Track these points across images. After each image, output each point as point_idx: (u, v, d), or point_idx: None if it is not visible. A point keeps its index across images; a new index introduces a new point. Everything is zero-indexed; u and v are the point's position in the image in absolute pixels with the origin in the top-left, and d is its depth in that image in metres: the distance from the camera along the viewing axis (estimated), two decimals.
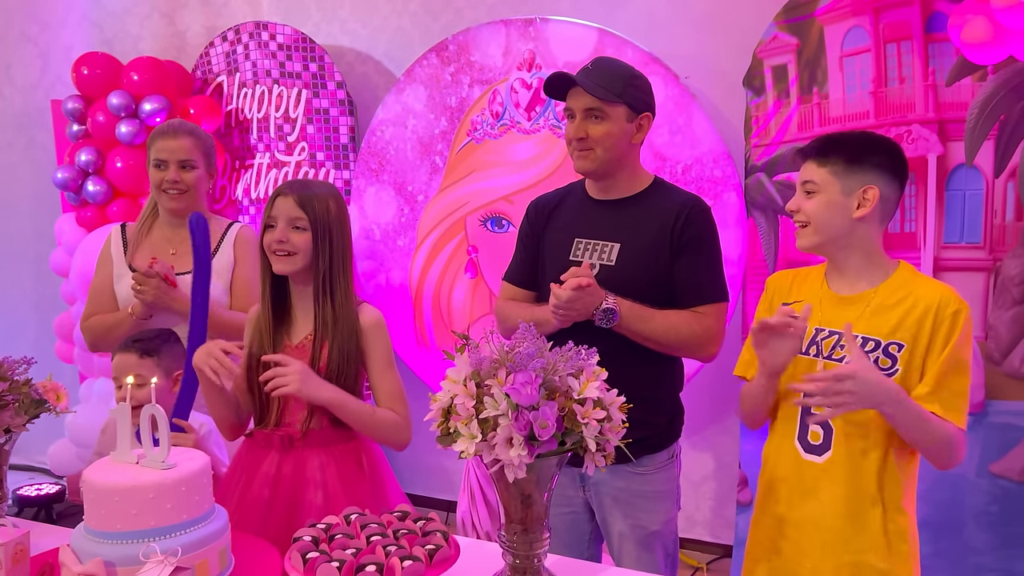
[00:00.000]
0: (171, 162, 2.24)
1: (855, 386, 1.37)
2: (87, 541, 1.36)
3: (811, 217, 1.52)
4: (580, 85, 1.83)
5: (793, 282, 1.67)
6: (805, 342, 1.54)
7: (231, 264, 2.30)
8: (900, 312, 1.47)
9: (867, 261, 1.54)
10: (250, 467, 1.78)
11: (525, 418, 1.19)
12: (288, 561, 1.24)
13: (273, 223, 1.76)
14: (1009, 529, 2.43)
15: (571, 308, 1.74)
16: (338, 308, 1.77)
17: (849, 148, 1.52)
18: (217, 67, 3.55)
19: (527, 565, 1.31)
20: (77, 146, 3.40)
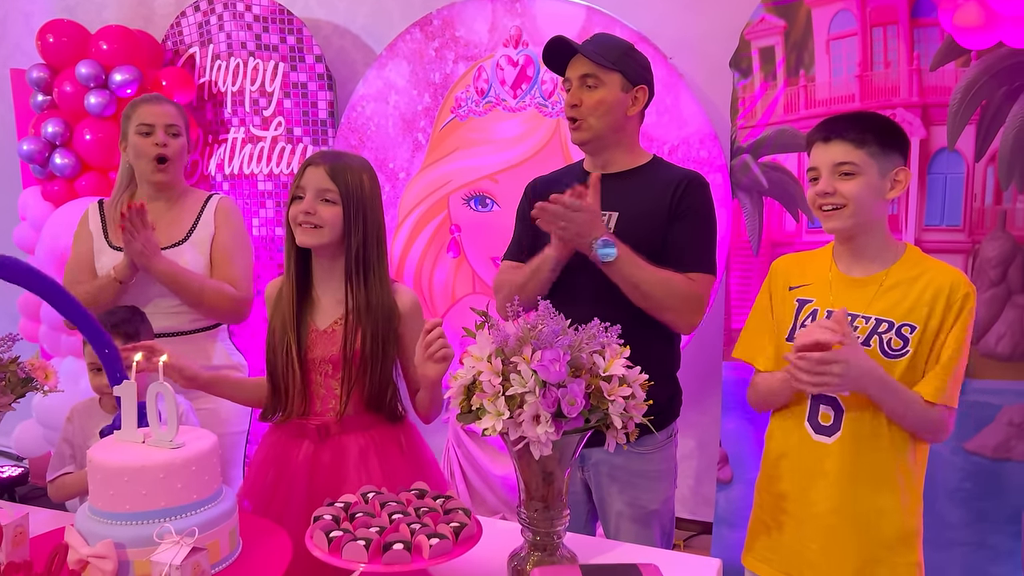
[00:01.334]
0: (158, 126, 2.20)
1: (842, 370, 1.40)
2: (94, 523, 1.32)
3: (851, 199, 1.51)
4: (577, 49, 1.84)
5: (799, 264, 1.68)
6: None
7: (211, 234, 2.27)
8: (913, 294, 1.50)
9: (883, 243, 1.56)
10: (282, 457, 1.71)
11: (553, 395, 1.19)
12: (310, 540, 1.22)
13: (301, 194, 1.69)
14: (982, 504, 2.51)
15: (573, 221, 1.69)
16: (372, 291, 1.69)
17: (880, 130, 1.54)
18: (189, 38, 3.44)
19: (547, 542, 1.32)
20: (43, 117, 3.28)
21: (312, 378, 1.72)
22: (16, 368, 1.71)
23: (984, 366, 2.51)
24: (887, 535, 1.51)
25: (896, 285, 1.52)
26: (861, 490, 1.51)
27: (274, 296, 1.81)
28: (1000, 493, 2.50)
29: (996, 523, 2.50)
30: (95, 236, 2.26)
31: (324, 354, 1.71)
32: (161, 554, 1.21)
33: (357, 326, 1.68)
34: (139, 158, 2.21)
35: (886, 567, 1.51)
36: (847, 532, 1.52)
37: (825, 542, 1.54)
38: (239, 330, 3.38)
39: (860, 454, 1.51)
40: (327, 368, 1.71)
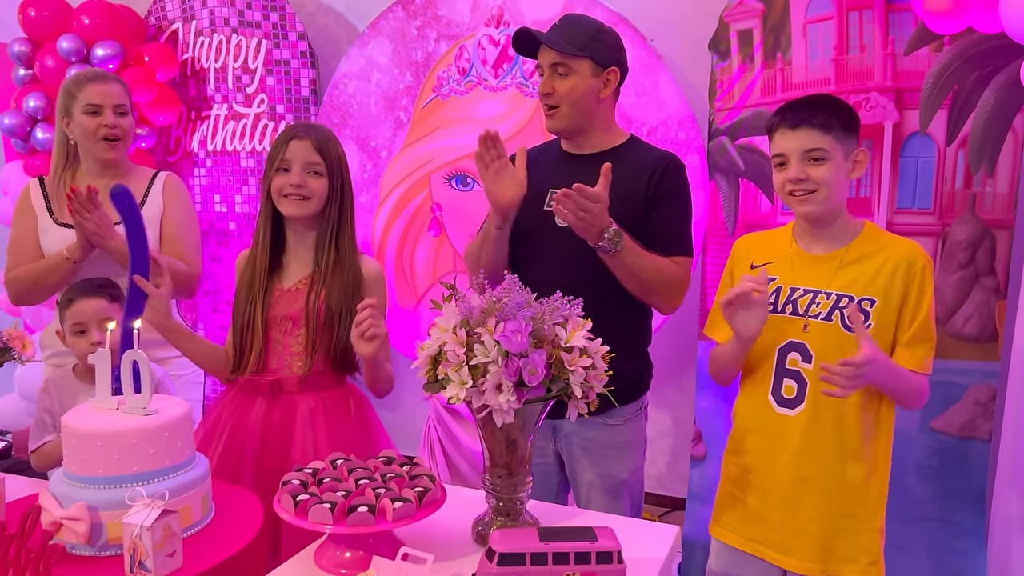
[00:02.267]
0: (107, 107, 2.19)
1: (872, 370, 1.43)
2: (68, 486, 1.36)
3: (822, 183, 1.55)
4: (542, 40, 1.85)
5: (760, 244, 1.72)
6: (781, 301, 1.59)
7: (160, 212, 2.27)
8: (872, 269, 1.54)
9: (842, 222, 1.61)
10: (236, 412, 1.79)
11: (515, 365, 1.22)
12: (278, 504, 1.26)
13: (287, 166, 1.76)
14: (948, 481, 2.57)
15: (591, 211, 1.70)
16: (343, 254, 1.78)
17: (842, 114, 1.58)
18: (172, 14, 3.43)
19: (510, 507, 1.36)
20: (24, 91, 3.27)
21: (271, 335, 1.82)
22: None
23: (952, 346, 2.56)
24: (850, 503, 1.56)
25: (855, 261, 1.56)
26: (824, 460, 1.56)
27: (243, 265, 1.87)
28: (965, 471, 2.55)
29: (961, 500, 2.56)
30: (39, 214, 2.24)
31: (286, 311, 1.81)
32: (132, 516, 1.25)
33: (323, 285, 1.78)
34: (87, 137, 2.19)
35: (849, 534, 1.55)
36: (810, 501, 1.57)
37: (789, 511, 1.59)
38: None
39: (823, 425, 1.55)
40: (287, 325, 1.81)
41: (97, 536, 1.32)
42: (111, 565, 1.29)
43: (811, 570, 1.57)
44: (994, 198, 2.45)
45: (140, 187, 2.28)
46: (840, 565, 1.56)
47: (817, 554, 1.56)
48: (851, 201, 2.59)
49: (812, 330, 1.56)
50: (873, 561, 1.57)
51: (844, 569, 1.56)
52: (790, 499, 1.59)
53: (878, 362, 1.43)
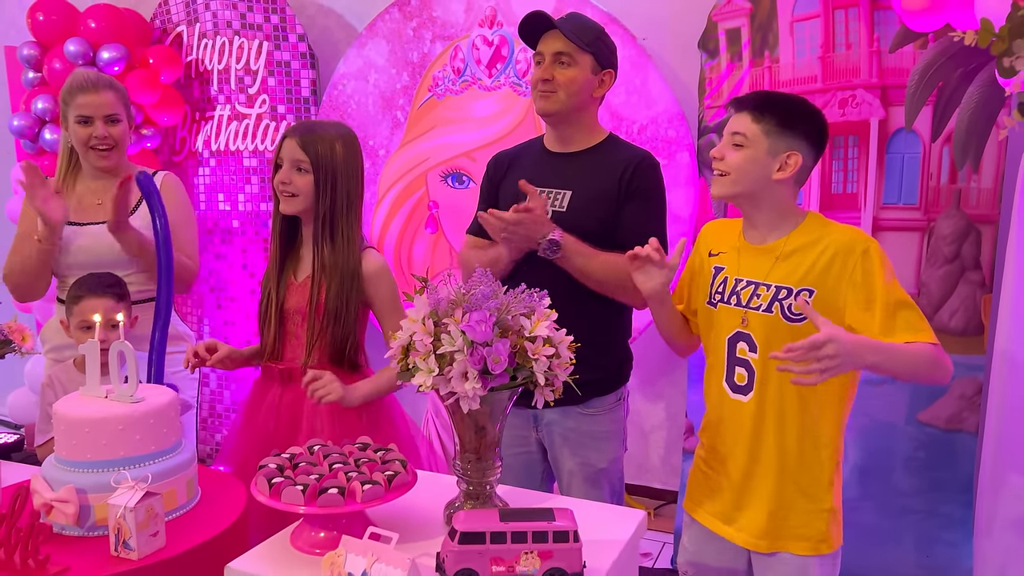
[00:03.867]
0: (97, 118, 2.22)
1: (835, 349, 1.34)
2: (58, 470, 1.43)
3: (733, 168, 1.57)
4: (557, 27, 1.91)
5: (719, 232, 1.75)
6: (727, 291, 1.63)
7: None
8: (809, 259, 1.54)
9: (778, 217, 1.60)
10: (257, 398, 1.93)
11: (479, 354, 1.27)
12: (254, 486, 1.32)
13: (281, 163, 1.85)
14: (934, 474, 2.60)
15: (515, 232, 1.80)
16: (338, 252, 1.84)
17: (783, 111, 1.57)
18: (176, 16, 3.51)
19: (480, 491, 1.41)
20: (33, 93, 3.36)
21: (287, 327, 1.93)
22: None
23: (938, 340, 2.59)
24: (800, 482, 1.60)
25: (793, 252, 1.57)
26: (772, 443, 1.60)
27: None
28: (952, 463, 2.59)
29: (948, 492, 2.59)
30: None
31: (296, 304, 1.91)
32: (117, 498, 1.31)
33: (322, 282, 1.85)
34: (80, 146, 2.25)
35: (798, 512, 1.59)
36: (763, 479, 1.62)
37: (744, 488, 1.64)
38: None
39: (771, 411, 1.59)
40: (297, 318, 1.91)
41: (85, 517, 1.39)
42: (98, 545, 1.36)
43: (760, 546, 1.61)
44: (979, 193, 2.47)
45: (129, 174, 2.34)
46: (788, 542, 1.60)
47: (767, 531, 1.60)
48: (838, 197, 2.64)
49: (752, 321, 1.58)
50: (823, 539, 1.60)
51: (792, 545, 1.60)
52: (743, 479, 1.64)
53: (844, 341, 1.35)
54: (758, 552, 1.64)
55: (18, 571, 1.27)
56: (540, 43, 1.96)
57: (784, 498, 1.59)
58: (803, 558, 1.60)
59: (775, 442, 1.59)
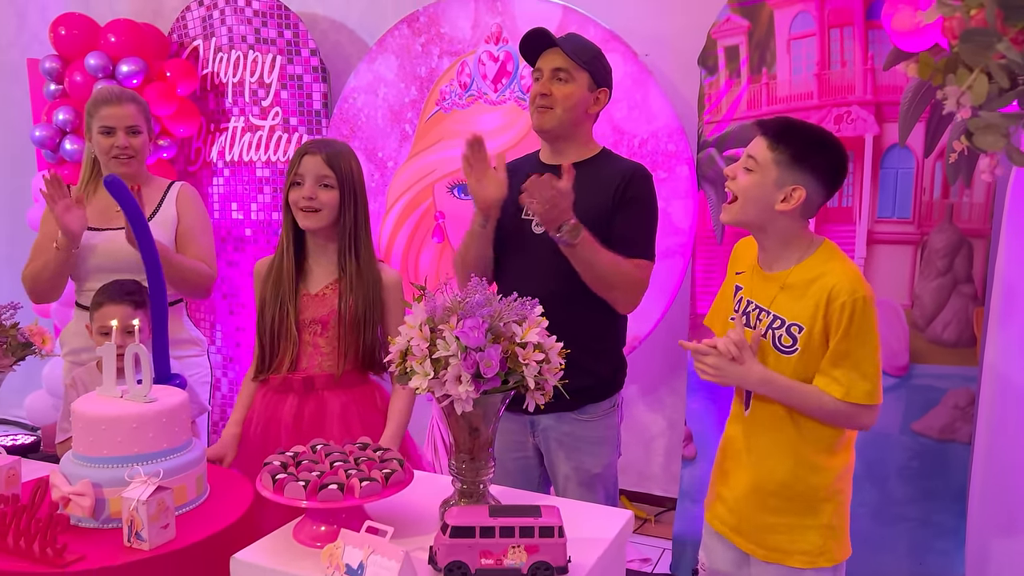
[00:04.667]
0: (119, 129, 2.34)
1: (715, 362, 1.56)
2: (76, 465, 1.51)
3: (740, 192, 1.60)
4: (557, 44, 1.99)
5: (745, 251, 1.79)
6: (741, 309, 1.69)
7: (175, 219, 2.43)
8: (805, 297, 1.58)
9: (783, 246, 1.62)
10: (268, 409, 1.96)
11: (472, 358, 1.35)
12: (259, 482, 1.40)
13: (300, 180, 1.90)
14: (928, 483, 2.64)
15: (557, 205, 1.81)
16: (363, 263, 1.94)
17: (800, 144, 1.57)
18: (193, 31, 3.62)
19: (473, 490, 1.48)
20: (54, 105, 3.48)
21: (303, 337, 1.97)
22: (16, 333, 1.91)
23: (930, 352, 2.64)
24: (793, 499, 1.64)
25: (793, 286, 1.60)
26: (765, 456, 1.65)
27: (264, 271, 2.02)
28: (945, 472, 2.63)
29: (941, 501, 2.63)
30: None
31: (315, 315, 1.96)
32: (130, 491, 1.39)
33: (349, 293, 1.93)
34: (102, 155, 2.37)
35: (797, 529, 1.63)
36: (757, 494, 1.67)
37: (742, 502, 1.70)
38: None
39: (763, 426, 1.65)
40: (316, 328, 1.96)
41: (100, 510, 1.47)
42: (112, 536, 1.44)
43: (757, 552, 1.67)
44: (971, 208, 2.53)
45: (156, 196, 2.44)
46: (786, 555, 1.64)
47: (766, 542, 1.66)
48: (834, 211, 2.70)
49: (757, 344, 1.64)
50: (820, 553, 1.64)
51: (791, 559, 1.64)
52: (743, 492, 1.70)
53: (726, 367, 1.56)
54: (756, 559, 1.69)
55: (37, 559, 1.35)
56: (540, 59, 2.04)
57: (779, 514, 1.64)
58: (798, 571, 1.64)
59: (766, 457, 1.64)
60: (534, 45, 2.05)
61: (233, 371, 3.64)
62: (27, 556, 1.36)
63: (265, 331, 1.98)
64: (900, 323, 2.64)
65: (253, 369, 2.03)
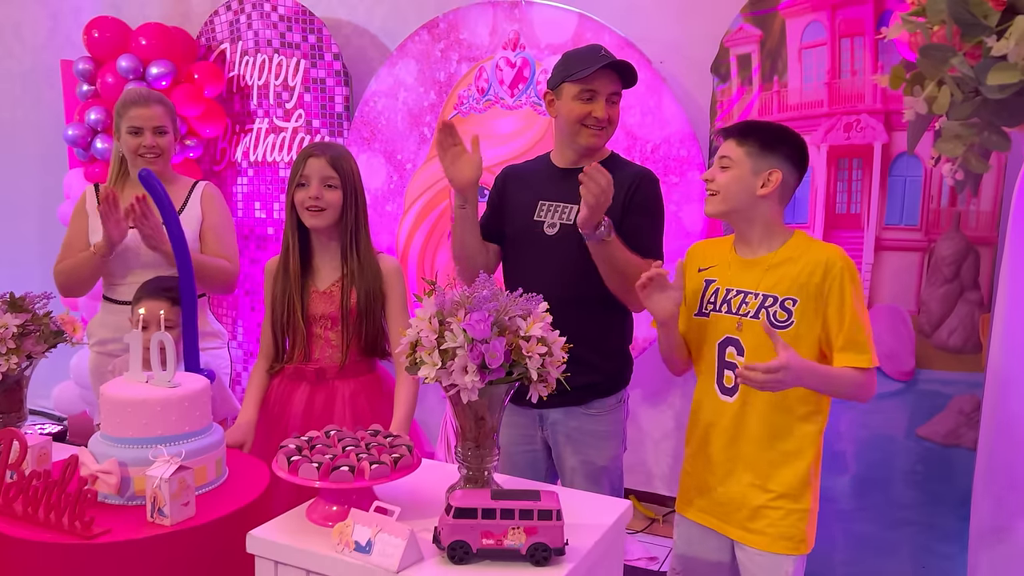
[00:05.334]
0: (146, 129, 2.42)
1: (786, 375, 1.58)
2: (103, 445, 1.60)
3: (721, 188, 1.74)
4: (622, 71, 2.03)
5: (707, 249, 1.90)
6: (719, 300, 1.77)
7: (199, 217, 2.51)
8: (794, 272, 1.69)
9: (766, 232, 1.75)
10: (282, 398, 2.07)
11: (478, 350, 1.42)
12: (275, 463, 1.47)
13: (305, 182, 2.00)
14: (932, 487, 2.67)
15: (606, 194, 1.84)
16: (363, 258, 2.04)
17: (764, 135, 1.73)
18: (221, 35, 3.73)
19: (478, 476, 1.55)
20: (86, 105, 3.59)
21: (313, 331, 2.08)
22: (49, 321, 1.99)
23: (936, 357, 2.67)
24: (777, 483, 1.71)
25: (780, 265, 1.72)
26: (753, 443, 1.72)
27: (273, 270, 2.11)
28: (949, 477, 2.66)
29: (945, 505, 2.66)
30: (91, 215, 2.49)
31: (325, 310, 2.07)
32: (154, 470, 1.47)
33: (352, 287, 2.03)
34: (130, 154, 2.45)
35: (778, 512, 1.71)
36: (743, 479, 1.74)
37: (726, 487, 1.77)
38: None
39: (753, 412, 1.72)
40: (327, 322, 2.07)
41: (125, 488, 1.55)
42: (136, 512, 1.52)
43: (746, 539, 1.74)
44: (978, 216, 2.57)
45: (181, 195, 2.53)
46: (772, 540, 1.72)
47: (752, 527, 1.72)
48: (842, 217, 2.74)
49: (744, 327, 1.72)
50: (802, 540, 1.72)
51: (775, 544, 1.71)
52: (727, 476, 1.77)
53: (792, 368, 1.56)
54: (742, 545, 1.75)
55: (66, 531, 1.43)
56: (596, 81, 2.03)
57: (763, 497, 1.71)
58: (782, 557, 1.72)
59: (755, 441, 1.72)
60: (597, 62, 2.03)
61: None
62: (57, 528, 1.45)
63: (276, 325, 2.10)
64: (906, 329, 2.67)
65: (265, 360, 2.14)
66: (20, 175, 4.70)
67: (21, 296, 1.99)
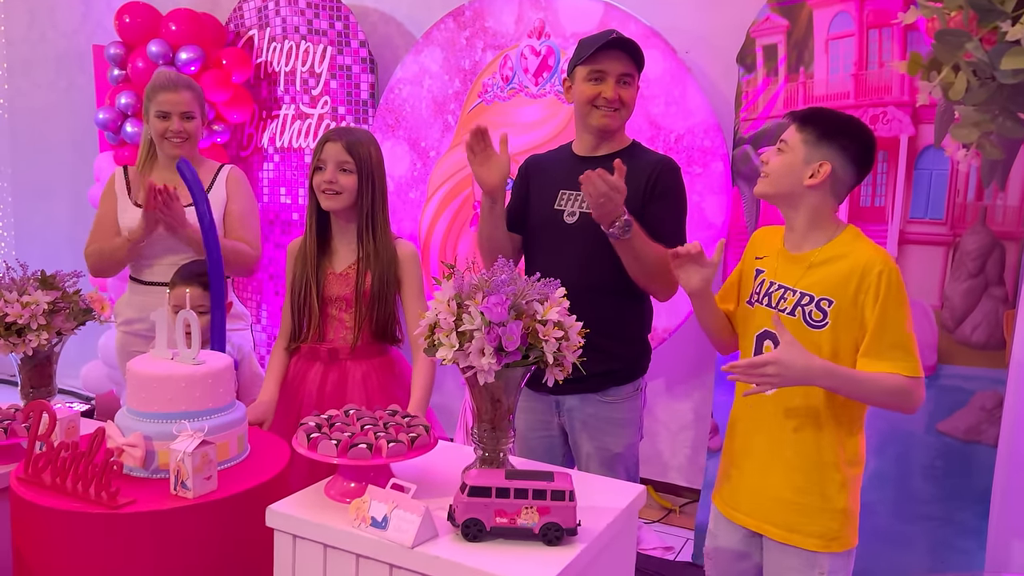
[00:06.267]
0: (174, 114, 2.46)
1: (777, 370, 1.56)
2: (128, 419, 1.64)
3: (772, 171, 1.72)
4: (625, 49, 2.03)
5: (765, 238, 1.87)
6: (762, 292, 1.75)
7: (224, 200, 2.55)
8: (833, 272, 1.65)
9: (811, 225, 1.70)
10: (298, 376, 2.12)
11: (495, 332, 1.43)
12: (295, 440, 1.50)
13: (323, 165, 2.05)
14: (951, 482, 2.66)
15: (612, 199, 1.86)
16: (379, 242, 2.08)
17: (826, 125, 1.69)
18: (249, 21, 3.77)
19: (494, 457, 1.56)
20: (117, 89, 3.65)
21: (328, 311, 2.12)
22: (78, 299, 2.04)
23: (959, 353, 2.65)
24: (814, 481, 1.69)
25: (822, 263, 1.68)
26: (789, 438, 1.70)
27: (296, 251, 2.16)
28: (969, 473, 2.64)
29: (964, 501, 2.64)
30: (119, 196, 2.55)
31: (340, 292, 2.11)
32: (177, 444, 1.51)
33: (367, 270, 2.07)
34: (158, 137, 2.50)
35: (814, 510, 1.68)
36: (779, 475, 1.71)
37: (761, 483, 1.75)
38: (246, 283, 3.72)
39: (789, 408, 1.69)
40: (341, 304, 2.11)
41: (150, 461, 1.59)
42: (160, 485, 1.56)
43: (774, 534, 1.72)
44: (1004, 211, 2.54)
45: (206, 178, 2.56)
46: (804, 538, 1.69)
47: (783, 523, 1.71)
48: (866, 210, 2.72)
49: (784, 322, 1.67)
50: (834, 537, 1.69)
51: (807, 541, 1.69)
52: (762, 472, 1.75)
53: (787, 364, 1.55)
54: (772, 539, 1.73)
55: (93, 501, 1.47)
56: (604, 61, 2.04)
57: (798, 495, 1.69)
58: (813, 554, 1.69)
59: (791, 439, 1.69)
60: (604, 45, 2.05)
61: None
62: (84, 498, 1.49)
63: (294, 305, 2.15)
64: (929, 324, 2.65)
65: (284, 339, 2.19)
66: (53, 158, 4.79)
67: (52, 274, 2.04)
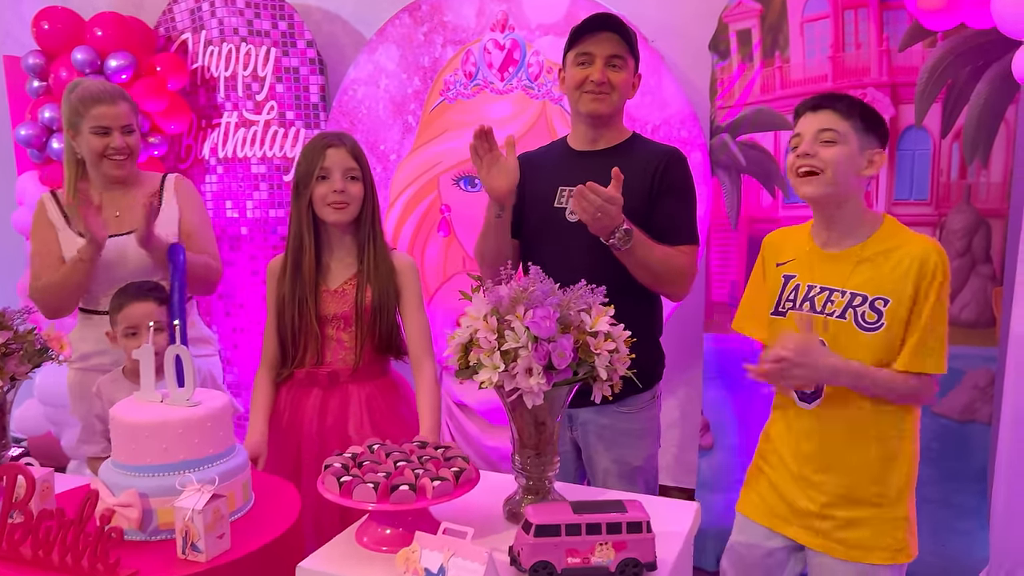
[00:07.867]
0: (114, 128, 2.22)
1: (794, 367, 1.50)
2: (118, 475, 1.43)
3: (829, 165, 1.55)
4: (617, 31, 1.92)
5: (784, 240, 1.75)
6: (800, 298, 1.63)
7: (177, 215, 2.34)
8: (887, 268, 1.54)
9: (856, 219, 1.60)
10: (293, 406, 1.92)
11: (544, 349, 1.30)
12: (322, 485, 1.33)
13: (327, 175, 1.84)
14: (948, 464, 2.64)
15: (607, 212, 1.75)
16: (379, 253, 1.91)
17: (867, 113, 1.60)
18: (181, 24, 3.50)
19: (539, 486, 1.43)
20: (39, 102, 3.34)
21: (326, 332, 1.93)
22: (33, 338, 1.80)
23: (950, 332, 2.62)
24: (870, 491, 1.60)
25: (870, 259, 1.57)
26: (839, 451, 1.60)
27: (277, 270, 1.95)
28: (966, 453, 2.63)
29: (962, 482, 2.63)
30: (59, 227, 2.27)
31: (337, 310, 1.93)
32: (184, 500, 1.31)
33: (367, 284, 1.90)
34: (95, 155, 2.23)
35: (873, 521, 1.60)
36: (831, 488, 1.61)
37: (808, 498, 1.64)
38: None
39: (838, 418, 1.59)
40: (339, 323, 1.93)
41: (148, 521, 1.39)
42: (162, 548, 1.36)
43: (835, 551, 1.61)
44: (988, 188, 2.53)
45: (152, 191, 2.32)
46: (865, 552, 1.60)
47: (842, 538, 1.61)
48: None
49: (830, 327, 1.58)
50: (900, 548, 1.61)
51: (870, 555, 1.59)
52: (809, 487, 1.64)
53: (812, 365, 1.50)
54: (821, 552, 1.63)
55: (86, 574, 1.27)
56: (591, 43, 1.94)
57: (853, 507, 1.60)
58: (874, 568, 1.60)
59: (839, 449, 1.59)
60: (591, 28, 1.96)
61: (231, 373, 3.53)
62: (74, 572, 1.28)
63: (286, 329, 1.94)
64: None
65: (269, 368, 1.99)
66: None
67: (0, 312, 1.79)
